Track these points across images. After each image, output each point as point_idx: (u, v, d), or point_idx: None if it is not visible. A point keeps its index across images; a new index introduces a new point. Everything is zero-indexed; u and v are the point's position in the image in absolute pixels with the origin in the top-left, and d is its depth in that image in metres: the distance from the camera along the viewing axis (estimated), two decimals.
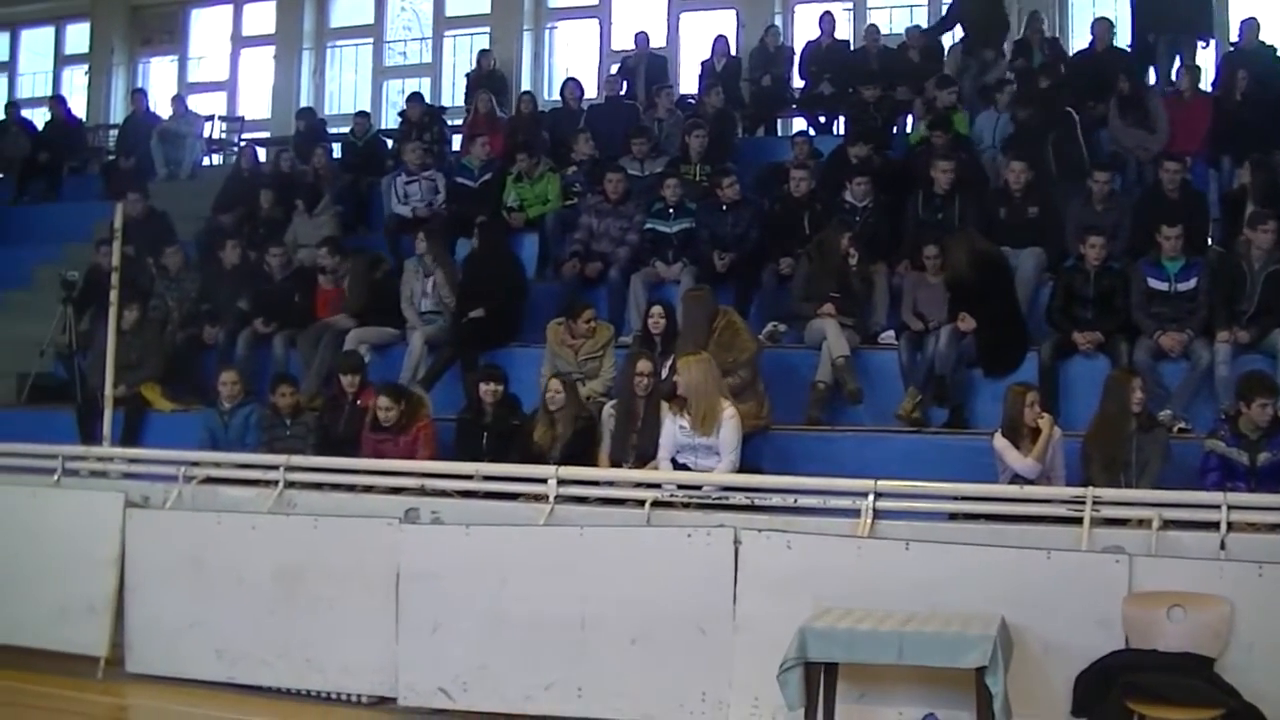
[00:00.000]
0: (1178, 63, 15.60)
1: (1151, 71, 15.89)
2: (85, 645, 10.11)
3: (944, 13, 17.91)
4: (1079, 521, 8.51)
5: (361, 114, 19.22)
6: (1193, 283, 11.42)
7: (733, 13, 19.81)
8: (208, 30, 23.67)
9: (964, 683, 7.36)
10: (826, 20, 18.12)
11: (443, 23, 21.97)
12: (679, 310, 11.96)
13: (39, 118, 21.36)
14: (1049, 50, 16.49)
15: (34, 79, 24.53)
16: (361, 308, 13.80)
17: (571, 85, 18.02)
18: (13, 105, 21.84)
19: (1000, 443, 9.90)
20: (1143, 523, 8.48)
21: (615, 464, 10.76)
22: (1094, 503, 8.58)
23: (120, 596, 10.08)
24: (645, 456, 10.63)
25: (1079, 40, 17.35)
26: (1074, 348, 11.46)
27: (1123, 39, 16.42)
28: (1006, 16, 17.11)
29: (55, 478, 11.07)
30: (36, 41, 24.74)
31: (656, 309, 12.06)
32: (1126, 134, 14.08)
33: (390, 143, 18.63)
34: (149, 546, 10.11)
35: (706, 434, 10.20)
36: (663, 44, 19.69)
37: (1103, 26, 15.95)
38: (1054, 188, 13.25)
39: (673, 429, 10.41)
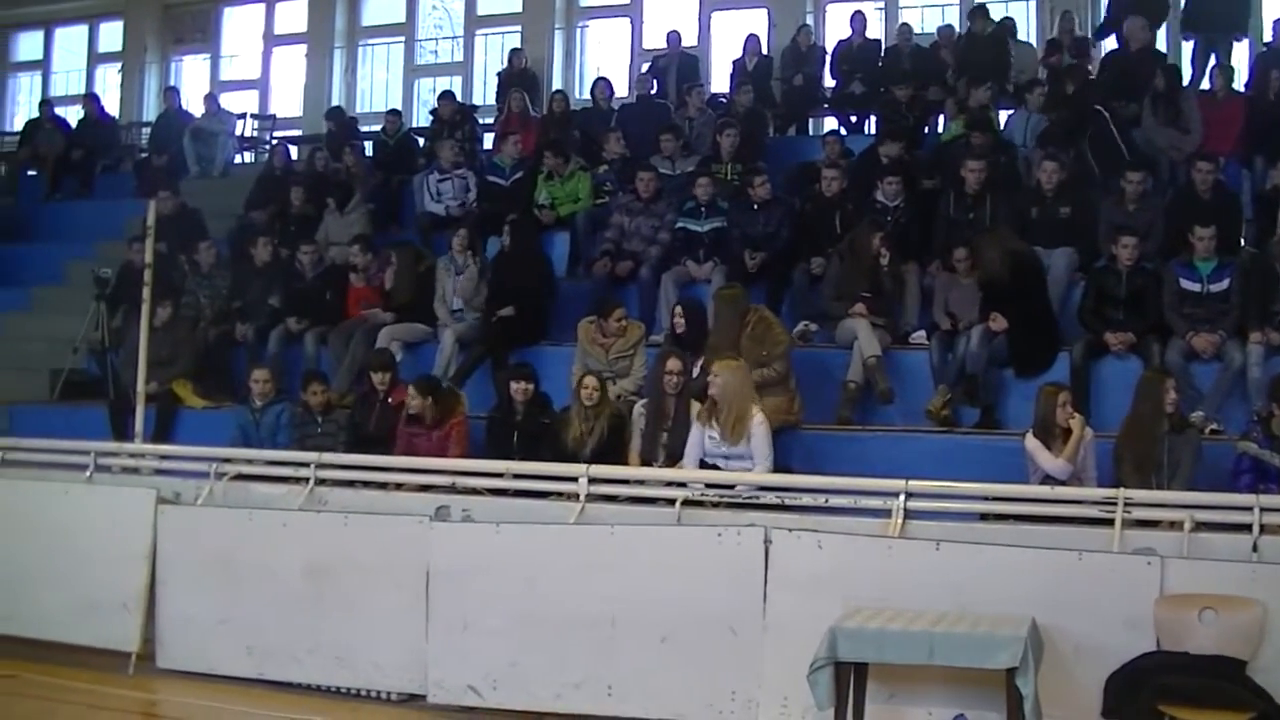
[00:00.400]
0: (1213, 60, 15.51)
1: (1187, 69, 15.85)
2: (117, 640, 10.14)
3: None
4: (1110, 523, 8.47)
5: (393, 112, 19.23)
6: (1225, 283, 11.37)
7: (764, 12, 19.78)
8: (240, 29, 23.76)
9: (994, 684, 7.35)
10: (858, 19, 18.10)
11: (474, 21, 22.01)
12: (710, 308, 11.97)
13: (72, 115, 21.47)
14: (1076, 50, 16.41)
15: (68, 77, 24.66)
16: (407, 300, 13.87)
17: (601, 84, 18.05)
18: (47, 103, 21.99)
19: (1032, 443, 9.88)
20: (1174, 524, 8.45)
21: (645, 463, 10.76)
22: (1125, 504, 8.53)
23: (152, 592, 10.11)
24: (675, 455, 10.63)
25: (1111, 39, 17.23)
26: (1106, 348, 11.42)
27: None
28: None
29: (87, 474, 11.11)
30: (70, 40, 24.85)
31: (678, 308, 12.09)
32: (1160, 133, 14.00)
33: (422, 141, 18.66)
34: (180, 543, 10.14)
35: (736, 442, 10.20)
36: (694, 43, 19.68)
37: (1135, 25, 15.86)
38: (1094, 187, 13.20)
39: (700, 437, 10.41)
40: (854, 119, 17.59)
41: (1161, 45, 16.27)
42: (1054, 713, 7.45)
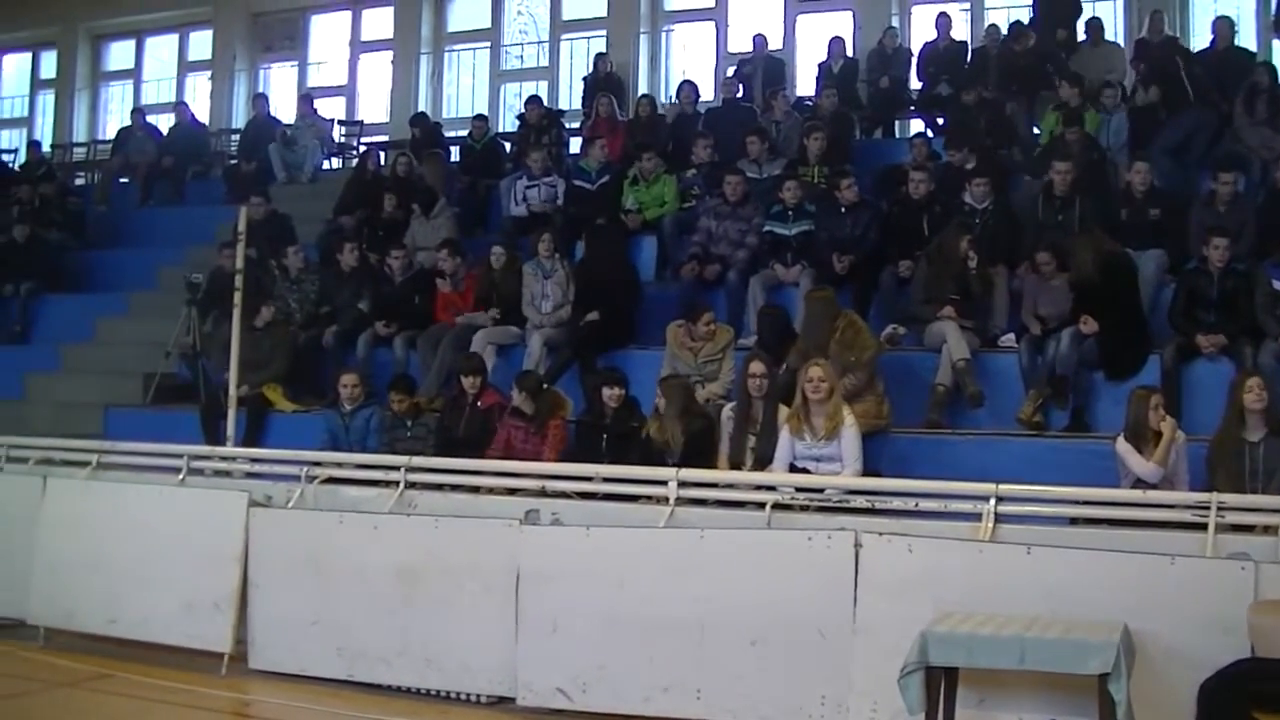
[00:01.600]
0: None
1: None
2: (210, 641, 10.22)
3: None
4: (1203, 527, 8.38)
5: (480, 117, 19.34)
6: None
7: (850, 14, 19.73)
8: (327, 36, 23.98)
9: (1086, 689, 7.28)
10: (943, 21, 18.00)
11: (559, 26, 22.07)
12: (799, 311, 11.98)
13: (164, 123, 21.76)
14: (1161, 52, 16.18)
15: (159, 86, 24.97)
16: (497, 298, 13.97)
17: (687, 88, 18.04)
18: (138, 111, 22.31)
19: (1123, 446, 9.81)
20: (1269, 529, 8.35)
21: (734, 466, 10.76)
22: (1219, 508, 8.43)
23: (244, 594, 10.19)
24: (764, 459, 10.62)
25: (1199, 39, 17.08)
26: (1197, 351, 11.32)
27: (1246, 37, 16.26)
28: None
29: (180, 477, 11.27)
30: (161, 49, 25.14)
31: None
32: (1252, 132, 13.88)
33: (508, 146, 18.74)
34: (272, 545, 10.21)
35: (829, 440, 10.24)
36: (779, 46, 19.64)
37: (1224, 25, 15.73)
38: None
39: (789, 440, 10.42)
40: (941, 121, 17.48)
41: (1251, 44, 16.17)
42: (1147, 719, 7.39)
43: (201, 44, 24.51)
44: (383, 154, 19.43)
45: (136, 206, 20.39)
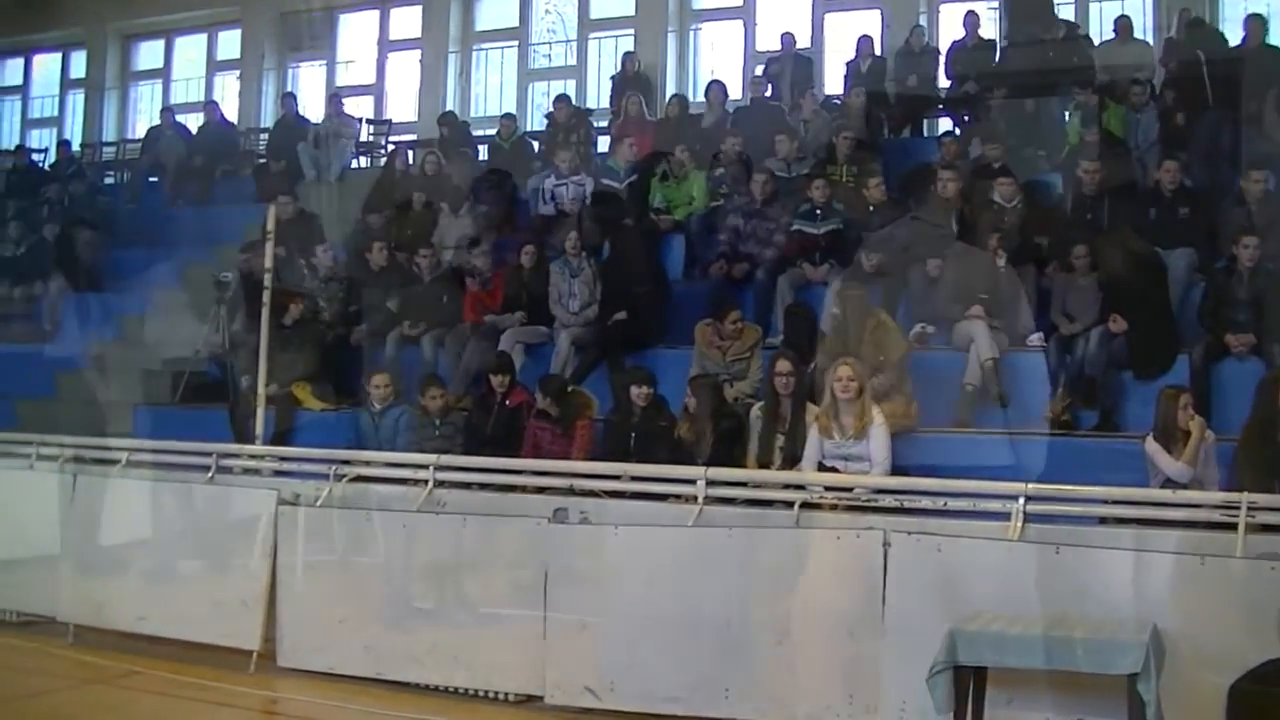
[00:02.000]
0: None
1: None
2: (238, 639, 10.28)
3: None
4: (1233, 527, 8.35)
5: (508, 116, 19.34)
6: None
7: (877, 13, 19.65)
8: (355, 35, 23.92)
9: (1115, 689, 7.28)
10: (970, 19, 17.91)
11: (587, 25, 21.97)
12: (827, 309, 11.97)
13: (193, 123, 21.78)
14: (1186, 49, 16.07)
15: (187, 85, 24.96)
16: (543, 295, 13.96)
17: (716, 88, 18.02)
18: (168, 111, 22.34)
19: (1152, 446, 9.79)
20: None
21: (762, 465, 10.75)
22: (1248, 508, 8.40)
23: (272, 591, 10.23)
24: (792, 457, 10.61)
25: (1230, 37, 16.96)
26: (1226, 350, 11.27)
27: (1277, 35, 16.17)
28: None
29: (209, 475, 11.30)
30: (190, 49, 25.16)
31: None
32: None
33: (536, 144, 18.74)
34: (300, 543, 10.27)
35: (858, 437, 10.20)
36: (808, 44, 19.58)
37: (1255, 23, 15.63)
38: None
39: (817, 441, 10.40)
40: (968, 120, 17.41)
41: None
42: None
43: (230, 44, 24.49)
44: (411, 153, 19.40)
45: (165, 205, 20.42)
